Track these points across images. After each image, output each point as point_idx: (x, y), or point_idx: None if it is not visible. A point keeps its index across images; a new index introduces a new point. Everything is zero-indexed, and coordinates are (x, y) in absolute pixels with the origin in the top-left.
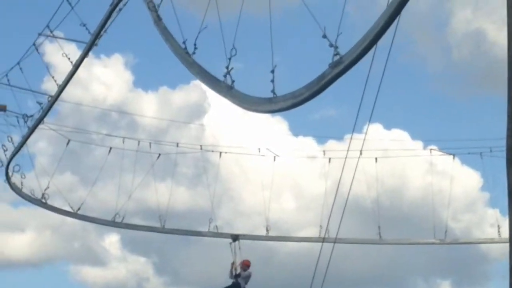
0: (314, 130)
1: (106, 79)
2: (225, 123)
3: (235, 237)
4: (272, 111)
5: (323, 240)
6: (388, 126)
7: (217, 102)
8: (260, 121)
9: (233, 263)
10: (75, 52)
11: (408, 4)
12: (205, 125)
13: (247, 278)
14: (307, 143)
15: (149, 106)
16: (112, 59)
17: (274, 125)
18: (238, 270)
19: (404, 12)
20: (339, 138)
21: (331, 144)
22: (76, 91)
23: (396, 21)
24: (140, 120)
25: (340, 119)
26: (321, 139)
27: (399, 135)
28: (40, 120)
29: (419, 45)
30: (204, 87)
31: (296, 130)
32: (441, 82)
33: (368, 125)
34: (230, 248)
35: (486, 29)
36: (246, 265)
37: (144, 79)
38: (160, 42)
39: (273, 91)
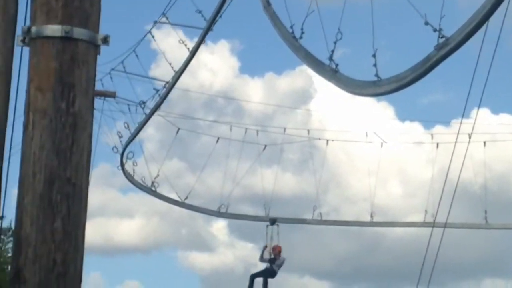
0: (421, 115)
1: (212, 66)
2: (331, 108)
3: (273, 221)
4: (376, 94)
5: (433, 224)
6: (495, 111)
7: (323, 87)
8: (366, 106)
9: (265, 247)
10: (185, 39)
11: None
12: (312, 110)
13: (281, 264)
14: (414, 128)
15: (255, 92)
16: (218, 45)
17: (380, 110)
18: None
19: None
20: (446, 123)
21: (438, 129)
22: (183, 77)
23: (506, 1)
24: (247, 105)
25: (447, 104)
26: (428, 124)
27: (507, 120)
28: (157, 107)
29: None
30: (310, 72)
31: (403, 115)
32: None
33: (478, 110)
34: (266, 231)
35: None
36: (278, 251)
37: (250, 65)
38: (265, 28)
39: (376, 75)
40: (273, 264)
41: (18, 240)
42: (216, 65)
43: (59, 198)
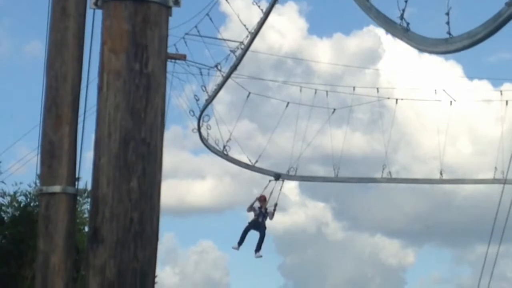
0: (489, 72)
1: (281, 27)
2: (400, 67)
3: (278, 176)
4: (449, 52)
5: (504, 181)
6: None
7: (391, 46)
8: (435, 64)
9: (262, 199)
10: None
11: None
12: (380, 70)
13: (267, 215)
14: (483, 86)
15: (324, 53)
16: (286, 7)
17: (448, 68)
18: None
19: None
20: None
21: (507, 86)
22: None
23: None
24: (316, 66)
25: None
26: (496, 82)
27: None
28: (234, 68)
29: None
30: (378, 32)
31: (471, 73)
32: None
33: None
34: (267, 185)
35: None
36: (263, 199)
37: (318, 26)
38: None
39: (448, 32)
40: (259, 216)
41: (95, 200)
42: (284, 27)
43: (134, 158)
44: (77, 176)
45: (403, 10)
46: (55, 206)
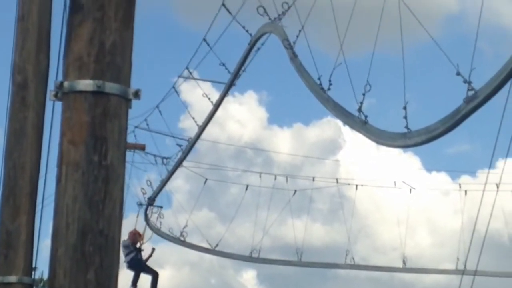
0: (447, 165)
1: (241, 117)
2: (359, 158)
3: (152, 201)
4: (407, 146)
5: (463, 272)
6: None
7: (351, 137)
8: (393, 157)
9: (132, 236)
10: (210, 91)
11: None
12: (340, 161)
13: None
14: (441, 178)
15: (284, 143)
16: (245, 96)
17: (407, 160)
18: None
19: None
20: (472, 173)
21: (465, 179)
22: (212, 129)
23: None
24: (276, 156)
25: (473, 154)
26: (454, 174)
27: None
28: (180, 163)
29: None
30: (338, 122)
31: (429, 165)
32: None
33: (505, 160)
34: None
35: None
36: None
37: (278, 116)
38: (292, 79)
39: (407, 127)
40: (137, 253)
41: None
42: (244, 116)
43: (92, 250)
44: (34, 266)
45: (361, 103)
46: None
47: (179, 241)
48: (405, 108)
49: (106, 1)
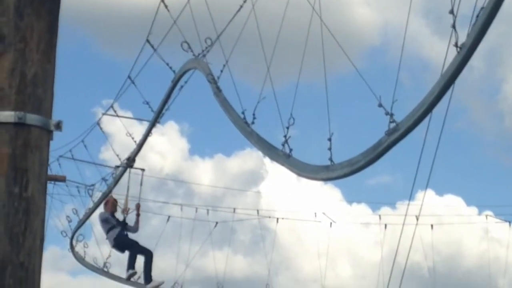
0: (368, 196)
1: (162, 148)
2: (281, 190)
3: (130, 161)
4: (330, 179)
5: None
6: (440, 192)
7: (274, 168)
8: (315, 188)
9: (109, 204)
10: (136, 124)
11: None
12: (262, 193)
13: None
14: (361, 209)
15: (205, 174)
16: (166, 127)
17: (328, 191)
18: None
19: (457, 79)
20: (392, 205)
21: (385, 211)
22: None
23: (450, 89)
24: (197, 188)
25: (394, 186)
26: (375, 206)
27: (453, 201)
28: (106, 195)
29: (472, 112)
30: (260, 153)
31: (350, 196)
32: (494, 149)
33: (425, 192)
34: (114, 173)
35: None
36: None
37: (200, 147)
38: (214, 111)
39: (330, 159)
40: (122, 228)
41: None
42: (165, 147)
43: (12, 283)
44: None
45: (285, 137)
46: None
47: (103, 271)
48: (329, 139)
49: (28, 33)
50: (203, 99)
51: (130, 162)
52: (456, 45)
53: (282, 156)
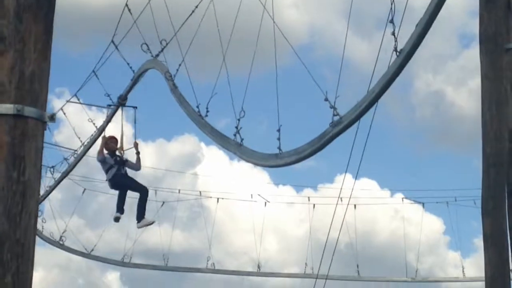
0: (292, 179)
1: (110, 132)
2: (216, 172)
3: (122, 99)
4: (278, 166)
5: (316, 276)
6: (358, 176)
7: (210, 152)
8: (246, 171)
9: (110, 141)
10: (96, 113)
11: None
12: (199, 174)
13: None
14: (287, 191)
15: (148, 156)
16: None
17: (257, 175)
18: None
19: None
20: (314, 187)
21: (307, 192)
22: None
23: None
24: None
25: (316, 170)
26: (298, 188)
27: (368, 184)
28: (66, 174)
29: (387, 105)
30: (197, 138)
31: (277, 179)
32: (406, 138)
33: (345, 175)
34: (108, 112)
35: (445, 91)
36: (114, 141)
37: (143, 132)
38: (159, 101)
39: (279, 148)
40: (120, 167)
41: None
42: (113, 132)
43: (9, 257)
44: None
45: (236, 127)
46: None
47: (59, 244)
48: (278, 130)
49: (26, 34)
50: (151, 91)
51: (122, 100)
52: (395, 49)
53: (234, 145)
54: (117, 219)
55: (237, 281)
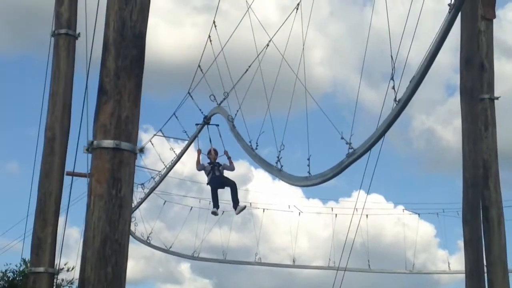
0: (320, 194)
1: (183, 159)
2: (262, 189)
3: (207, 118)
4: (308, 185)
5: (337, 268)
6: (369, 192)
7: (257, 174)
8: (283, 188)
9: (199, 151)
10: (173, 144)
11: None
12: (249, 190)
13: (224, 168)
14: (315, 203)
15: None
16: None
17: (294, 190)
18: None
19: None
20: (336, 200)
21: (330, 204)
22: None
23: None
24: (205, 186)
25: (336, 187)
26: (324, 200)
27: (378, 199)
28: (153, 189)
29: (390, 138)
30: (247, 163)
31: (308, 194)
32: (406, 164)
33: (359, 192)
34: (198, 129)
35: (435, 128)
36: (214, 153)
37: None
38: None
39: (309, 172)
40: (215, 170)
41: (82, 280)
42: (185, 159)
43: (110, 253)
44: (56, 261)
45: (278, 157)
46: (39, 280)
47: (146, 242)
48: (308, 159)
49: (122, 88)
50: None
51: (207, 120)
52: (395, 100)
53: (276, 170)
54: (215, 213)
55: (277, 272)
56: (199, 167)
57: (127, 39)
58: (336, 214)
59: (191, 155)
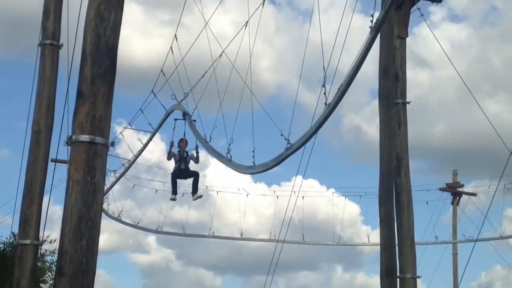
0: (265, 178)
1: (149, 148)
2: (217, 174)
3: (184, 115)
4: (253, 173)
5: (277, 240)
6: (305, 177)
7: (213, 162)
8: (235, 174)
9: (172, 143)
10: (141, 136)
11: None
12: (207, 176)
13: (190, 159)
14: (260, 186)
15: None
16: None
17: (242, 176)
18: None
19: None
20: (278, 184)
21: (273, 187)
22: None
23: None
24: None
25: (279, 173)
26: (269, 184)
27: (312, 183)
28: (122, 175)
29: (324, 133)
30: (205, 153)
31: (256, 178)
32: (337, 154)
33: (296, 176)
34: (174, 125)
35: (362, 125)
36: (185, 142)
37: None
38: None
39: (253, 162)
40: (181, 163)
41: (61, 251)
42: (150, 147)
43: (85, 229)
44: (40, 235)
45: (228, 149)
46: (26, 251)
47: (118, 219)
48: (253, 151)
49: (97, 92)
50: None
51: (188, 116)
52: (326, 103)
53: (226, 160)
54: (173, 199)
55: (228, 243)
56: (169, 156)
57: (102, 51)
58: (277, 196)
59: (157, 144)
